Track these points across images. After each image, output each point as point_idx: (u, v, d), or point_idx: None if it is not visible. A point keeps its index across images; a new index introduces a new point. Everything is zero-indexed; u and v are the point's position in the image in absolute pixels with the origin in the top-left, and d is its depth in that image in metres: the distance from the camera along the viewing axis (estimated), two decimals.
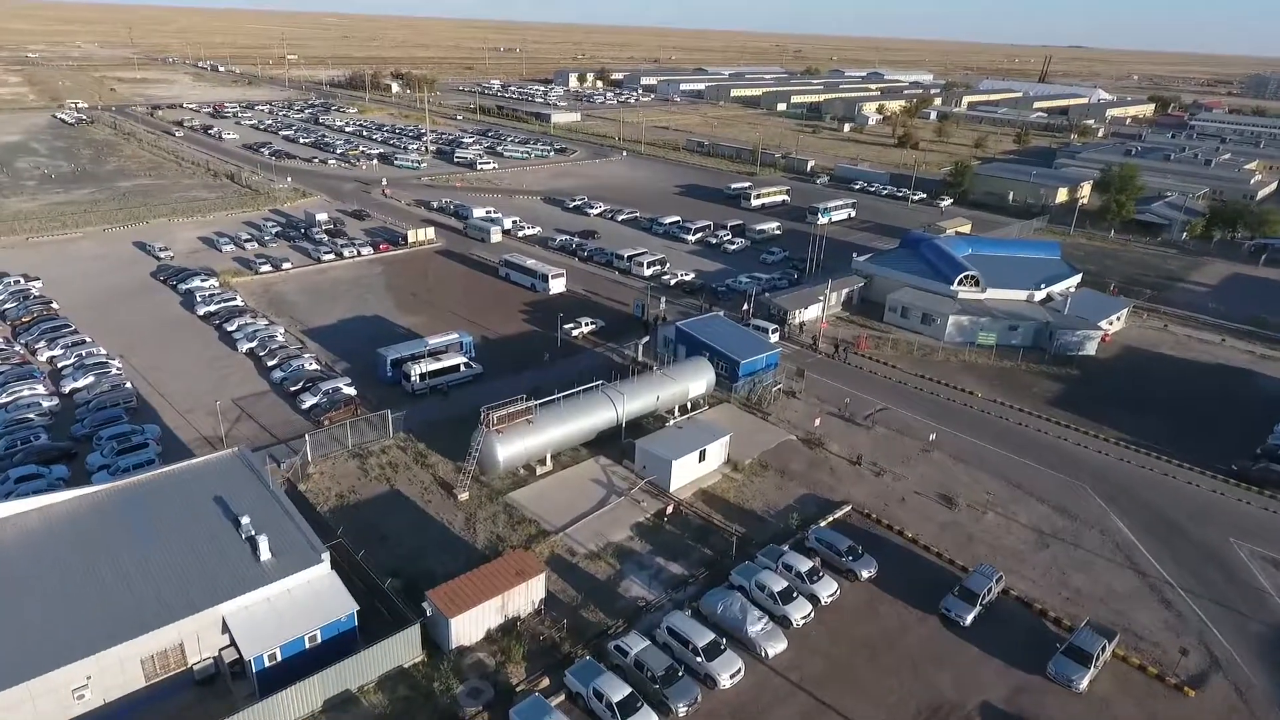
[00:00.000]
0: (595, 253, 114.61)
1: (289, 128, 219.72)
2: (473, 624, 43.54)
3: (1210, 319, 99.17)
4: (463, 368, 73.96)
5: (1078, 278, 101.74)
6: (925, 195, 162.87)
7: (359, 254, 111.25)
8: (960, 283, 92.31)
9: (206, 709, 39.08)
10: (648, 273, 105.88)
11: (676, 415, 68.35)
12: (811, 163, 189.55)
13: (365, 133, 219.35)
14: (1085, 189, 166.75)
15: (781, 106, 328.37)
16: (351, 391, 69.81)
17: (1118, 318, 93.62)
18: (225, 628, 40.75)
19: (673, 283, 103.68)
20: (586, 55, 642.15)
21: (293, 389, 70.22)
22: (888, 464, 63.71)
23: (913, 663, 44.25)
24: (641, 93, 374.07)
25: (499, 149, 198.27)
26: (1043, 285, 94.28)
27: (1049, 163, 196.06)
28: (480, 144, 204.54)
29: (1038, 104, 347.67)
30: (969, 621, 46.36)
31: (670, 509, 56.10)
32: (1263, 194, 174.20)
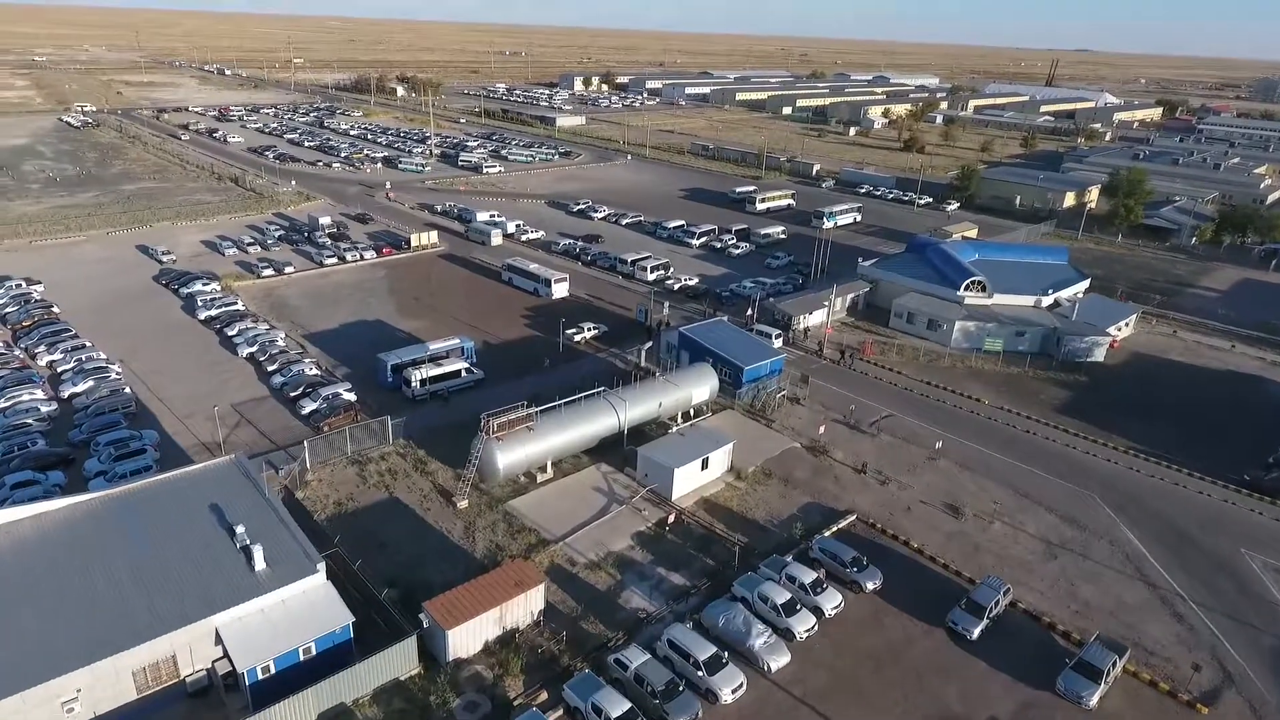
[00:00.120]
0: (598, 257, 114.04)
1: (294, 131, 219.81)
2: (470, 636, 42.85)
3: (1220, 325, 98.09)
4: (464, 373, 73.41)
5: (1086, 283, 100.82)
6: (931, 199, 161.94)
7: (361, 258, 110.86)
8: (967, 288, 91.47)
9: None
10: (651, 277, 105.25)
11: (679, 422, 67.61)
12: (817, 167, 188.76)
13: (370, 136, 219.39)
14: (1093, 193, 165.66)
15: (787, 110, 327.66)
16: (351, 397, 69.26)
17: (1126, 324, 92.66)
18: (219, 639, 40.12)
19: (676, 287, 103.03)
20: (592, 59, 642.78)
21: (292, 394, 69.70)
22: (893, 472, 62.87)
23: (918, 677, 43.38)
24: (646, 96, 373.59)
25: (503, 152, 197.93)
26: (1050, 290, 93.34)
27: (1056, 167, 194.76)
28: (485, 147, 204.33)
29: (1044, 108, 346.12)
30: (976, 635, 45.51)
31: (672, 518, 55.34)
32: (1273, 198, 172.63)
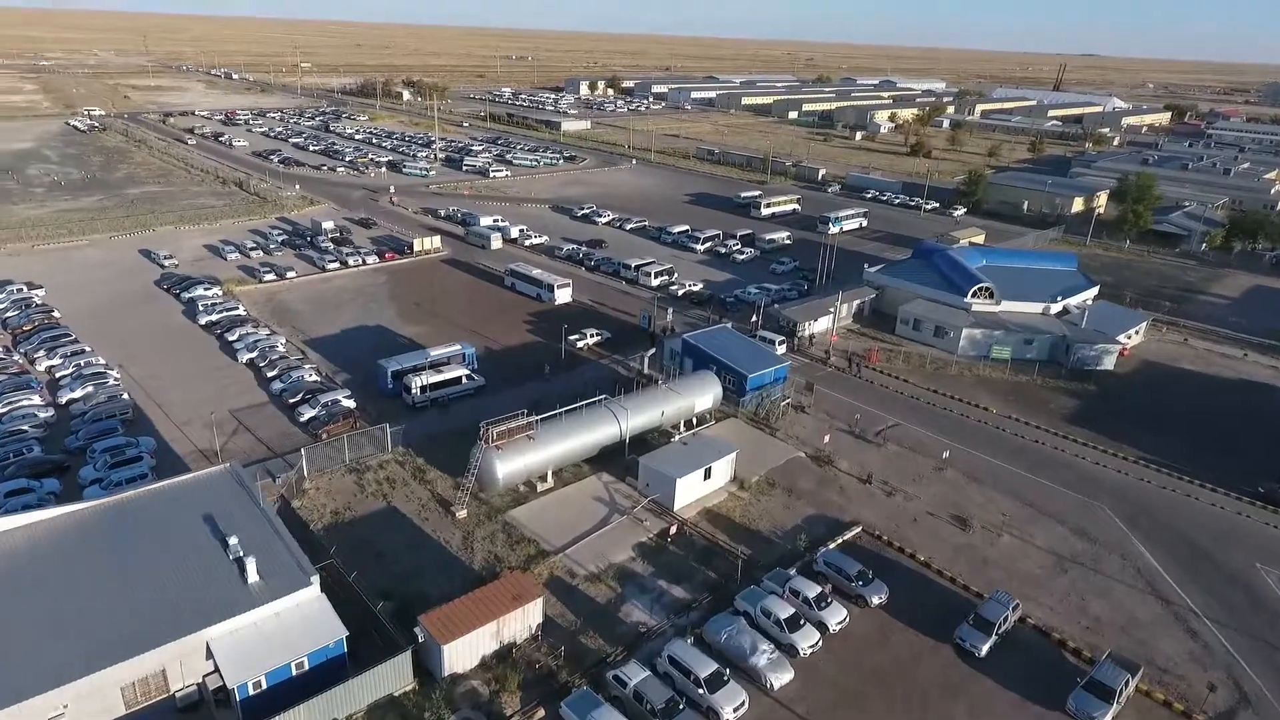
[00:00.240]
0: (602, 262, 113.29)
1: (299, 135, 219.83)
2: (467, 650, 41.97)
3: (1232, 333, 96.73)
4: (464, 380, 72.63)
5: (1095, 290, 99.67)
6: (938, 205, 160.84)
7: (364, 262, 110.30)
8: (974, 295, 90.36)
9: None
10: (655, 283, 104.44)
11: (682, 431, 66.69)
12: (823, 171, 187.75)
13: (375, 140, 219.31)
14: (1101, 199, 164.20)
15: (793, 114, 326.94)
16: (351, 404, 68.54)
17: (1136, 331, 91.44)
18: (209, 653, 39.29)
19: (680, 293, 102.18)
20: (597, 63, 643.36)
21: (291, 401, 68.98)
22: (899, 483, 61.80)
23: (925, 696, 42.33)
24: (652, 100, 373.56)
25: (508, 157, 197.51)
26: (1059, 297, 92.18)
27: (1064, 172, 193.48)
28: (489, 151, 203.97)
29: (1052, 112, 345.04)
30: (984, 652, 44.42)
31: (674, 529, 54.39)
32: None
